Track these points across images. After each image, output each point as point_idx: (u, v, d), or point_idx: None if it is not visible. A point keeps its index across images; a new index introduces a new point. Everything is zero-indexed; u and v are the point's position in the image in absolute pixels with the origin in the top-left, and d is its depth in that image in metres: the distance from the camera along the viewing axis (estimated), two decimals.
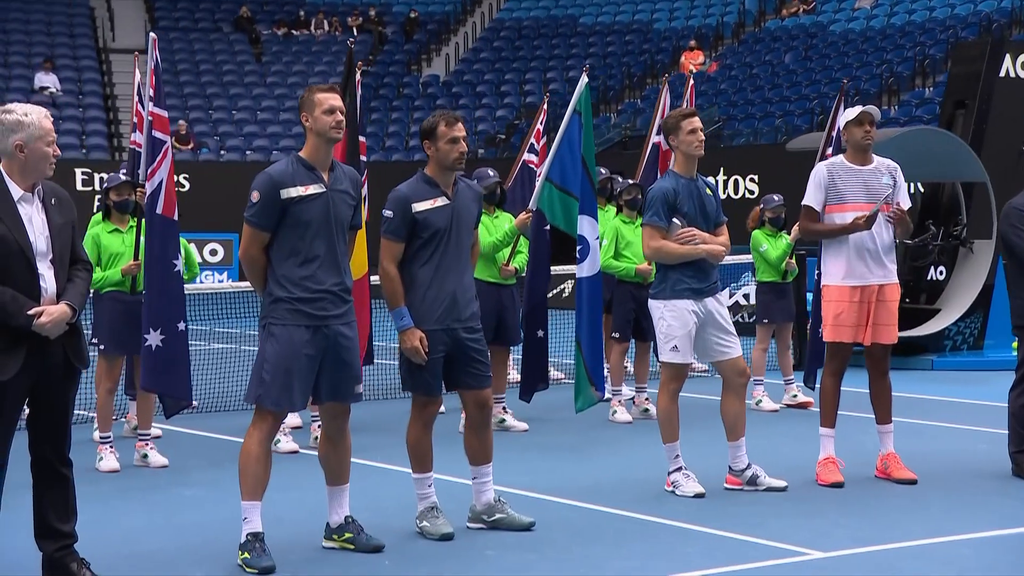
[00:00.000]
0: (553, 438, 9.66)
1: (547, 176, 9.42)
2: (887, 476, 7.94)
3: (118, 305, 8.55)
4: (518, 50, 32.90)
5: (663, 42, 31.77)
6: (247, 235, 6.15)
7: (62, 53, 32.12)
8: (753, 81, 28.63)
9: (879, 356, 7.96)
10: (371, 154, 28.45)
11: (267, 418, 6.14)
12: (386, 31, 34.05)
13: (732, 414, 7.69)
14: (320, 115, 6.16)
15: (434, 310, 6.55)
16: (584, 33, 33.16)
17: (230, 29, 33.95)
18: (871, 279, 7.79)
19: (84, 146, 28.50)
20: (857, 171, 7.83)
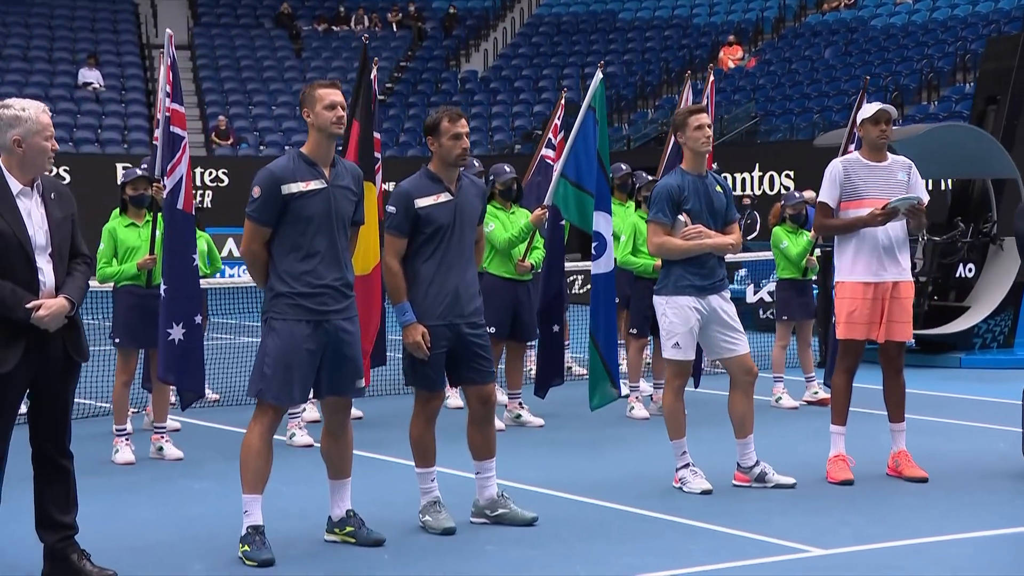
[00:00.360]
0: (568, 434, 9.66)
1: (562, 172, 9.40)
2: (898, 474, 7.89)
3: (133, 299, 8.61)
4: (556, 45, 32.88)
5: (702, 37, 31.67)
6: (248, 230, 6.18)
7: (105, 49, 32.41)
8: (791, 76, 28.48)
9: (894, 354, 7.91)
10: (407, 149, 28.58)
11: (268, 412, 6.18)
12: (425, 27, 34.13)
13: (740, 412, 7.66)
14: (321, 111, 6.18)
15: (436, 306, 6.56)
16: (623, 28, 33.09)
17: (271, 25, 34.14)
18: (885, 276, 7.74)
19: (126, 141, 28.74)
20: (873, 167, 7.79)
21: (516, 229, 9.67)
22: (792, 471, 7.83)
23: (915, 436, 9.28)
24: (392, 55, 33.08)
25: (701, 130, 7.50)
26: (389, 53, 33.12)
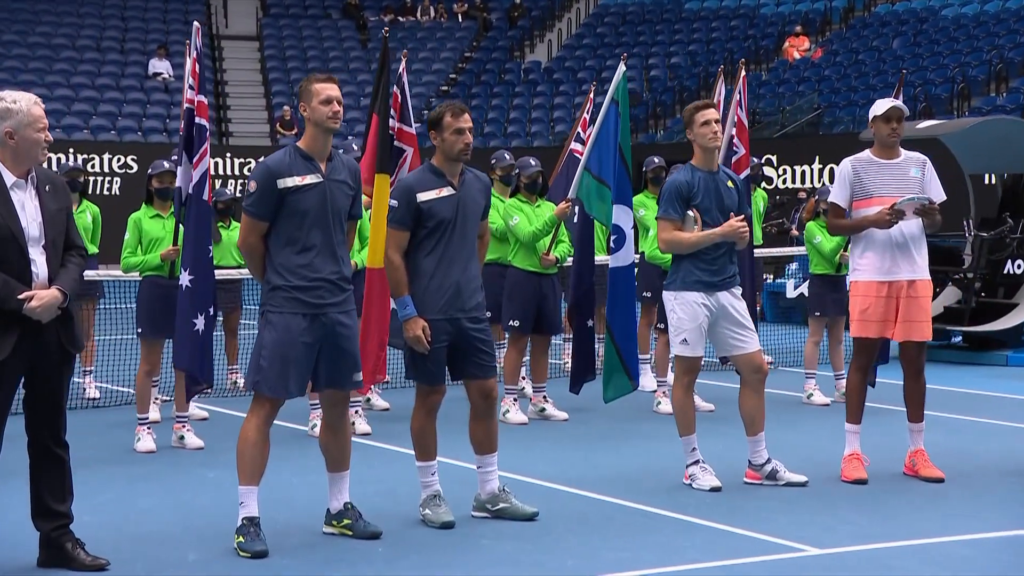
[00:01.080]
0: (591, 429, 9.63)
1: (585, 165, 9.39)
2: (915, 474, 7.79)
3: (156, 289, 8.72)
4: (621, 36, 32.76)
5: (768, 27, 31.40)
6: (245, 224, 6.24)
7: (176, 40, 32.74)
8: (857, 67, 28.14)
9: (914, 354, 7.79)
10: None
11: (264, 404, 6.23)
12: (491, 17, 34.14)
13: (750, 409, 7.61)
14: (317, 105, 6.21)
15: (437, 299, 6.58)
16: (688, 18, 32.90)
17: (338, 15, 34.35)
18: (900, 274, 7.64)
19: None
20: (884, 165, 7.69)
21: (541, 222, 9.66)
22: (808, 469, 7.77)
23: (948, 435, 9.25)
24: (457, 46, 33.16)
25: (708, 126, 7.45)
26: (454, 44, 33.21)
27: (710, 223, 7.45)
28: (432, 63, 32.42)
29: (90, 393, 10.67)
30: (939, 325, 13.74)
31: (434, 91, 31.46)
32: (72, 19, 32.50)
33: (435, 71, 32.07)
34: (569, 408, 10.05)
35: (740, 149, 9.80)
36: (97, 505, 7.11)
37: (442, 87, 31.60)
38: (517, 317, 9.78)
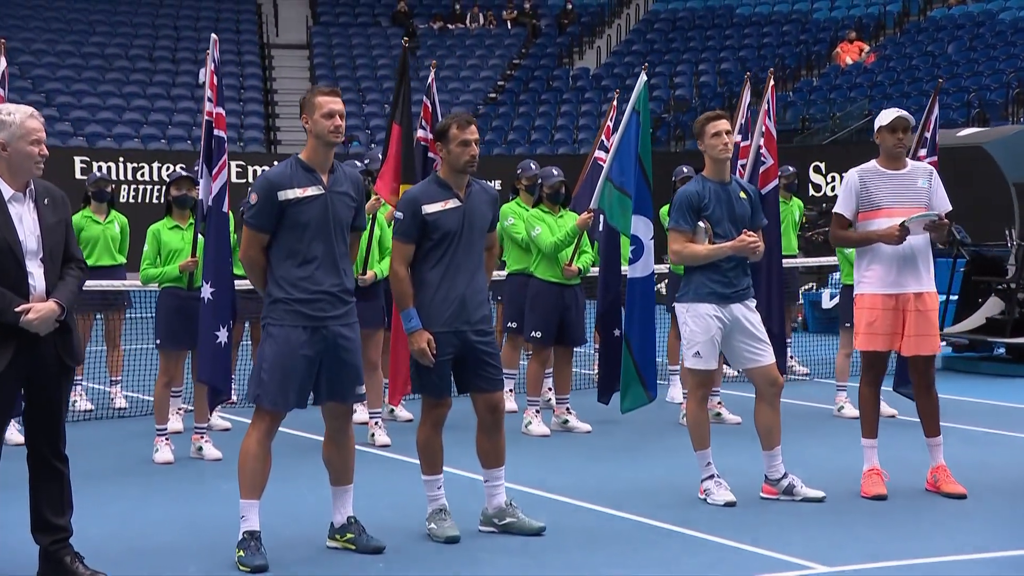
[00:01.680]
0: (613, 441, 9.57)
1: (607, 175, 9.36)
2: (937, 490, 7.68)
3: (175, 301, 8.75)
4: (671, 42, 32.62)
5: (821, 33, 31.12)
6: (246, 236, 6.25)
7: (227, 49, 32.98)
8: (911, 73, 27.83)
9: (923, 368, 7.69)
10: (515, 148, 28.61)
11: (265, 418, 6.24)
12: (540, 24, 34.13)
13: (766, 423, 7.54)
14: (319, 118, 6.21)
15: (442, 312, 6.57)
16: (740, 24, 32.70)
17: (388, 23, 34.46)
18: (906, 287, 7.54)
19: (241, 139, 29.24)
20: (890, 176, 7.59)
21: (562, 233, 9.62)
22: (829, 484, 7.71)
23: (981, 449, 9.13)
24: (505, 53, 33.16)
25: (719, 137, 7.39)
26: (502, 51, 33.21)
27: (721, 234, 7.40)
28: (480, 70, 32.45)
29: (118, 403, 10.75)
30: (981, 336, 13.58)
31: (482, 98, 31.49)
32: (126, 29, 32.83)
33: (483, 78, 32.10)
34: (593, 420, 10.00)
35: (768, 160, 9.70)
36: (107, 516, 7.16)
37: (490, 94, 31.62)
38: (539, 328, 9.75)
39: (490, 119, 30.45)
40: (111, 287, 10.35)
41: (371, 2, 35.64)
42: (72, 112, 28.85)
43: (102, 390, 11.28)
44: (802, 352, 13.65)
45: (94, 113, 29.11)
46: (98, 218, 10.78)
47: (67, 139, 27.62)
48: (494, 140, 29.24)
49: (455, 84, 31.87)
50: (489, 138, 29.51)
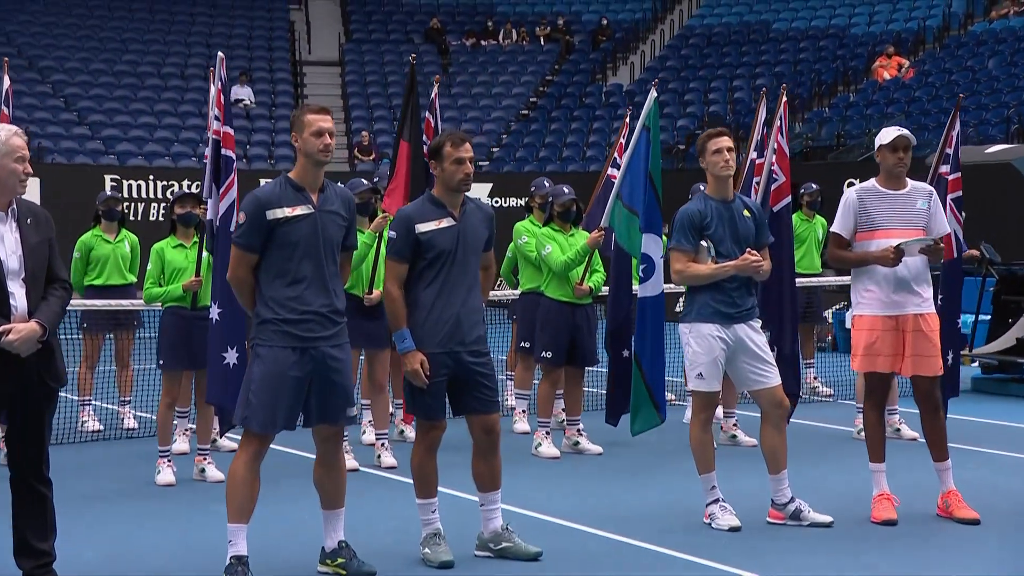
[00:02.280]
0: (624, 462, 9.48)
1: (618, 193, 9.29)
2: (949, 515, 7.55)
3: (178, 320, 8.74)
4: (706, 58, 32.51)
5: (859, 48, 30.94)
6: (234, 256, 6.23)
7: (259, 67, 33.20)
8: (949, 88, 27.59)
9: (926, 390, 7.57)
10: (547, 165, 28.56)
11: (254, 440, 6.20)
12: (573, 40, 34.10)
13: (772, 446, 7.44)
14: (308, 137, 6.19)
15: (436, 333, 6.51)
16: (776, 39, 32.56)
17: (420, 40, 34.53)
18: (905, 308, 7.44)
19: (272, 157, 29.35)
20: (890, 196, 7.49)
21: (573, 252, 9.56)
22: (841, 508, 7.63)
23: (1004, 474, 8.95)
24: (538, 69, 33.14)
25: (720, 154, 7.31)
26: (535, 67, 33.19)
27: (724, 253, 7.31)
28: (512, 87, 32.45)
29: (128, 423, 10.76)
30: (1011, 358, 13.39)
31: (514, 115, 31.48)
32: (158, 47, 33.06)
33: (515, 95, 32.10)
34: (605, 442, 9.92)
35: (780, 177, 9.60)
36: (102, 539, 7.15)
37: (522, 111, 31.61)
38: (550, 348, 9.68)
39: (522, 136, 30.43)
40: (121, 307, 10.35)
41: (404, 19, 35.75)
42: (104, 131, 29.06)
43: (112, 410, 11.30)
44: (827, 373, 13.50)
45: (126, 131, 29.31)
46: (108, 237, 10.80)
47: (98, 157, 27.82)
48: (525, 157, 29.21)
49: (487, 101, 31.89)
50: (520, 155, 29.49)
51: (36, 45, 31.92)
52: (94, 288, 10.73)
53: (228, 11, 35.62)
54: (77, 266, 10.75)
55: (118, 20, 34.04)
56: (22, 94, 29.55)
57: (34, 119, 28.78)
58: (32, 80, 30.53)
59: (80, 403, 10.86)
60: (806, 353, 13.20)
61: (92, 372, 10.85)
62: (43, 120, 28.89)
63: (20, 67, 30.87)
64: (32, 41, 32.03)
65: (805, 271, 12.83)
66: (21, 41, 31.88)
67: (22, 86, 29.87)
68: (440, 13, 35.50)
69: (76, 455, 9.78)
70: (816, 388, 13.00)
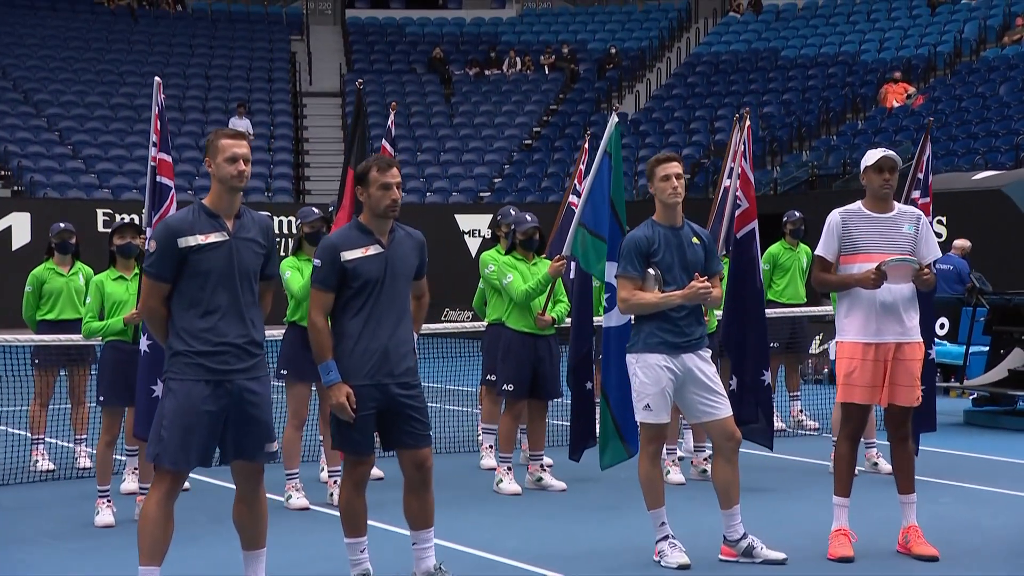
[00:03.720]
0: (587, 499, 9.31)
1: (580, 220, 9.16)
2: (908, 551, 7.38)
3: (119, 355, 8.61)
4: (712, 85, 32.45)
5: (868, 74, 30.84)
6: (145, 286, 6.11)
7: (259, 98, 33.29)
8: (959, 115, 27.47)
9: (899, 419, 7.42)
10: (549, 195, 28.50)
11: (166, 478, 6.05)
12: (579, 68, 34.09)
13: (723, 480, 7.27)
14: (222, 162, 6.07)
15: (363, 365, 6.39)
16: (784, 66, 32.49)
17: (423, 70, 34.58)
18: (887, 336, 7.27)
19: (269, 189, 29.38)
20: (874, 219, 7.34)
21: (534, 281, 9.43)
22: (799, 544, 7.48)
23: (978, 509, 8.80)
24: (542, 98, 33.15)
25: (668, 181, 7.18)
26: (539, 96, 33.19)
27: (672, 282, 7.17)
28: (516, 116, 32.44)
29: (81, 463, 10.62)
30: (1003, 390, 13.20)
31: (517, 145, 31.45)
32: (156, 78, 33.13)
33: (518, 124, 32.09)
34: (571, 477, 9.75)
35: (744, 203, 9.47)
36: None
37: (525, 140, 31.59)
38: (511, 381, 9.54)
39: (524, 166, 30.40)
40: (74, 342, 10.24)
41: (407, 49, 35.84)
42: (98, 164, 29.12)
43: (67, 448, 11.17)
44: (816, 406, 13.30)
45: (121, 165, 29.37)
46: (62, 270, 10.70)
47: (92, 191, 27.88)
48: (527, 187, 29.17)
49: (489, 131, 31.90)
50: (522, 185, 29.45)
51: (32, 79, 32.07)
52: (47, 323, 10.62)
53: (228, 42, 35.79)
54: (29, 300, 10.66)
55: (115, 53, 34.19)
56: (16, 128, 29.67)
57: (27, 153, 28.87)
58: (27, 114, 30.65)
59: (32, 441, 10.74)
60: (791, 385, 13.04)
61: (45, 409, 10.72)
62: (36, 154, 28.97)
63: (15, 101, 31.03)
64: (28, 75, 32.19)
65: (789, 300, 12.69)
66: (17, 75, 32.04)
67: (16, 120, 30.02)
68: (443, 43, 35.59)
69: (22, 495, 9.66)
70: (801, 421, 12.81)
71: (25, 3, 35.46)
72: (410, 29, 37.10)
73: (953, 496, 9.28)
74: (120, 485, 9.48)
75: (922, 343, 7.44)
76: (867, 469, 10.17)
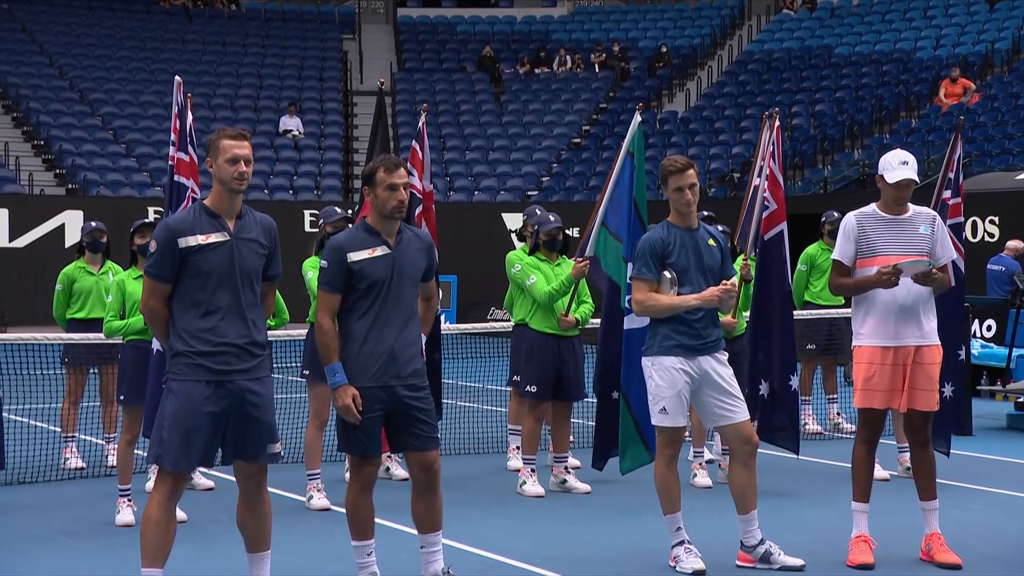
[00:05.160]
0: (610, 501, 9.20)
1: (602, 221, 9.07)
2: (930, 559, 7.23)
3: (139, 354, 8.61)
4: (764, 83, 32.17)
5: (923, 72, 30.43)
6: (146, 286, 6.08)
7: (310, 96, 33.40)
8: (1016, 113, 27.05)
9: (918, 424, 7.27)
10: (597, 194, 28.34)
11: (167, 479, 6.02)
12: (629, 66, 33.91)
13: (740, 485, 7.16)
14: (223, 163, 6.03)
15: (369, 366, 6.34)
16: (838, 64, 32.13)
17: (473, 68, 34.55)
18: (906, 339, 7.13)
19: (319, 188, 29.44)
20: (890, 221, 7.21)
21: (558, 282, 9.34)
22: (819, 550, 7.37)
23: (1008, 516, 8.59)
24: (592, 97, 33.00)
25: (682, 193, 7.07)
26: (589, 95, 33.06)
27: (687, 284, 7.06)
28: (565, 115, 32.33)
29: (111, 461, 10.65)
30: None
31: (565, 144, 31.34)
32: (209, 78, 33.35)
33: (567, 123, 31.98)
34: (596, 480, 9.65)
35: (772, 204, 9.31)
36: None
37: (574, 139, 31.47)
38: (534, 382, 9.45)
39: (572, 165, 30.28)
40: (104, 340, 10.24)
41: (457, 47, 35.82)
42: (151, 163, 29.30)
43: (99, 444, 11.22)
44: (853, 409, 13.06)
45: None
46: (92, 269, 10.74)
47: (144, 190, 28.05)
48: (575, 186, 29.05)
49: (538, 129, 31.80)
50: (570, 184, 29.32)
51: (87, 78, 32.34)
52: (77, 321, 10.67)
53: (280, 41, 35.93)
54: (59, 299, 10.71)
55: (170, 52, 34.41)
56: (71, 127, 29.95)
57: (82, 152, 29.11)
58: (82, 113, 30.91)
59: (63, 439, 10.79)
60: (828, 388, 12.86)
61: (76, 408, 10.77)
62: (90, 153, 29.19)
63: (71, 100, 31.31)
64: (83, 74, 32.47)
65: (826, 302, 12.51)
66: (73, 74, 32.32)
67: (72, 118, 30.29)
68: (494, 41, 35.54)
69: (48, 493, 9.70)
70: (839, 424, 12.63)
71: (82, 3, 35.79)
72: (461, 27, 37.07)
73: (985, 502, 9.10)
74: (145, 484, 9.48)
75: (940, 346, 7.29)
76: (900, 474, 10.00)
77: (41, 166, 29.13)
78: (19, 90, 30.89)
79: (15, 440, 10.59)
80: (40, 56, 32.91)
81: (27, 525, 8.54)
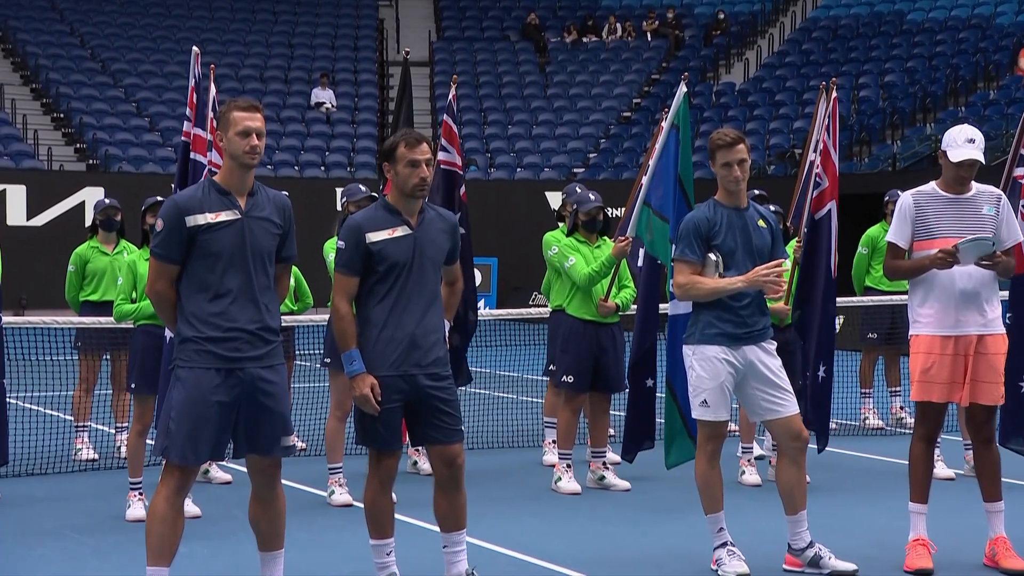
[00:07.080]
0: (649, 499, 9.19)
1: (645, 199, 9.02)
2: (995, 565, 7.17)
3: (151, 340, 8.61)
4: (829, 52, 31.94)
5: (1003, 39, 30.15)
6: (152, 268, 6.09)
7: (343, 67, 33.45)
8: None
9: (982, 420, 7.20)
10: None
11: (175, 473, 6.02)
12: (683, 35, 33.76)
13: (788, 483, 7.11)
14: (233, 136, 6.02)
15: (388, 354, 6.32)
16: (909, 31, 31.88)
17: (517, 37, 34.47)
18: (968, 328, 7.05)
19: (352, 164, 29.48)
20: (950, 200, 7.12)
21: (597, 263, 9.29)
22: (870, 556, 7.30)
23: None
24: (643, 67, 32.88)
25: (730, 169, 6.99)
26: (640, 65, 32.93)
27: (733, 267, 7.00)
28: (615, 87, 32.22)
29: (123, 452, 10.70)
30: None
31: (614, 118, 31.24)
32: (238, 47, 33.48)
33: (617, 96, 31.87)
34: (635, 476, 9.62)
35: (824, 181, 9.22)
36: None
37: (623, 113, 31.38)
38: (571, 372, 9.43)
39: (622, 140, 30.19)
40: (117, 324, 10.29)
41: (500, 15, 35.76)
42: (175, 138, 29.44)
43: (110, 433, 11.29)
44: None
45: None
46: (106, 248, 10.79)
47: (167, 166, 28.20)
48: (624, 163, 28.96)
49: (585, 102, 31.72)
50: (619, 161, 29.24)
51: (110, 47, 32.54)
52: (90, 304, 10.73)
53: (313, 9, 35.97)
54: (72, 280, 10.77)
55: (196, 20, 34.57)
56: (93, 99, 30.13)
57: (103, 125, 29.28)
58: (104, 84, 31.09)
59: (76, 429, 10.85)
60: (891, 380, 12.77)
61: (89, 396, 10.83)
62: (113, 127, 29.35)
63: (92, 70, 31.50)
64: (106, 43, 32.66)
65: (889, 288, 12.40)
66: (95, 43, 32.52)
67: (93, 90, 30.47)
68: (539, 8, 35.47)
69: (59, 485, 9.78)
70: (902, 419, 12.54)
71: None
72: None
73: None
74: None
75: (1005, 335, 7.21)
76: (966, 472, 9.90)
77: (61, 140, 29.36)
78: (38, 59, 31.12)
79: (24, 430, 10.66)
80: (60, 24, 33.14)
81: (36, 519, 8.61)
